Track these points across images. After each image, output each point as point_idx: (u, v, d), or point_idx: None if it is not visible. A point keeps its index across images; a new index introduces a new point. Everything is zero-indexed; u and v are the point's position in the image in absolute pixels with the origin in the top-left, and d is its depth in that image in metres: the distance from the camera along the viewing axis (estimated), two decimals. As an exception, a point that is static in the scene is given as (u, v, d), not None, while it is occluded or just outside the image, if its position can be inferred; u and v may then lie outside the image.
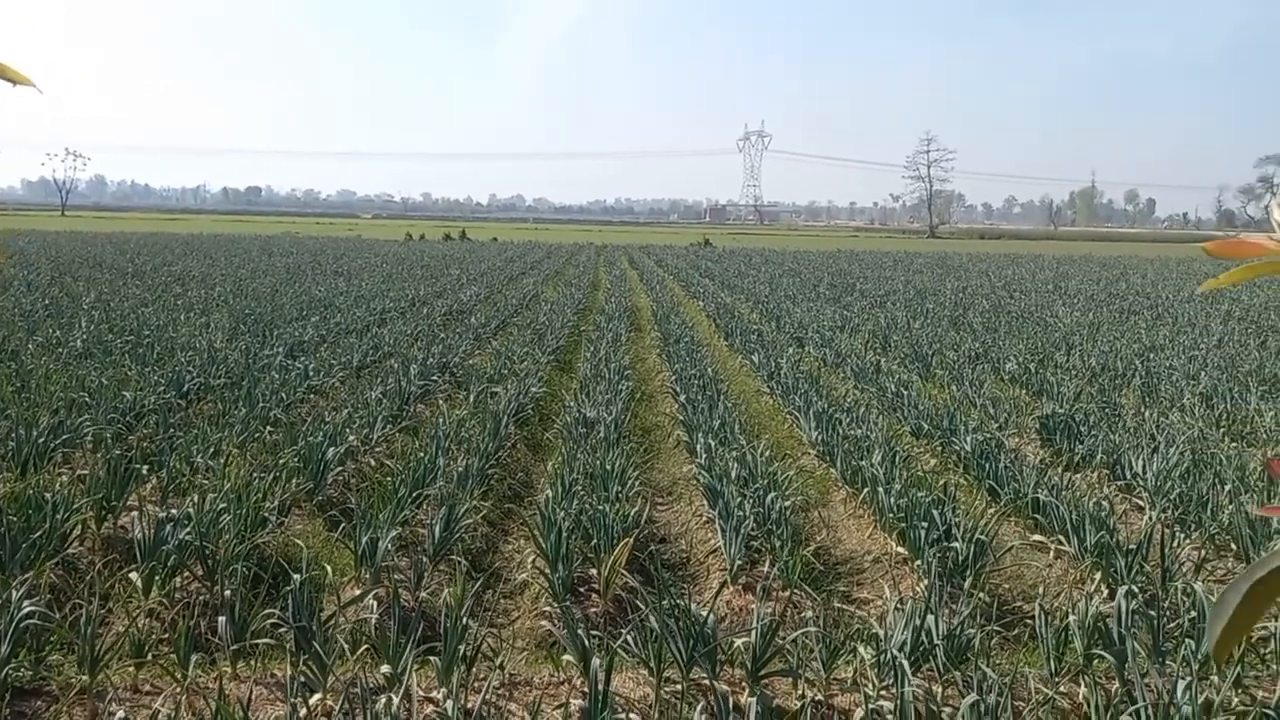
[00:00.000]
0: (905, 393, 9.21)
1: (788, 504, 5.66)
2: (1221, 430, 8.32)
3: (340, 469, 6.54)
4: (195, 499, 5.14)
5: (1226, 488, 6.15)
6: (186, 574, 4.66)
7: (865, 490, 6.12)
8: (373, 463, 7.09)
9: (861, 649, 3.90)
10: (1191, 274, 35.70)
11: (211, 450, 6.44)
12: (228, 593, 4.18)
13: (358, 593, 4.55)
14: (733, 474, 6.09)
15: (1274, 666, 3.92)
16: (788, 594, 4.78)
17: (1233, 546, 5.43)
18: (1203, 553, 5.22)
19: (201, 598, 4.46)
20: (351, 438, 6.97)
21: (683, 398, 8.87)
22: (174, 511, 5.06)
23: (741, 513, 5.35)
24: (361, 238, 56.54)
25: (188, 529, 4.72)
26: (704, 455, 6.69)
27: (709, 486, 6.04)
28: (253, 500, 5.26)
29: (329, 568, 4.62)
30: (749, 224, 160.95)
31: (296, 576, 4.14)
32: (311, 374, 9.47)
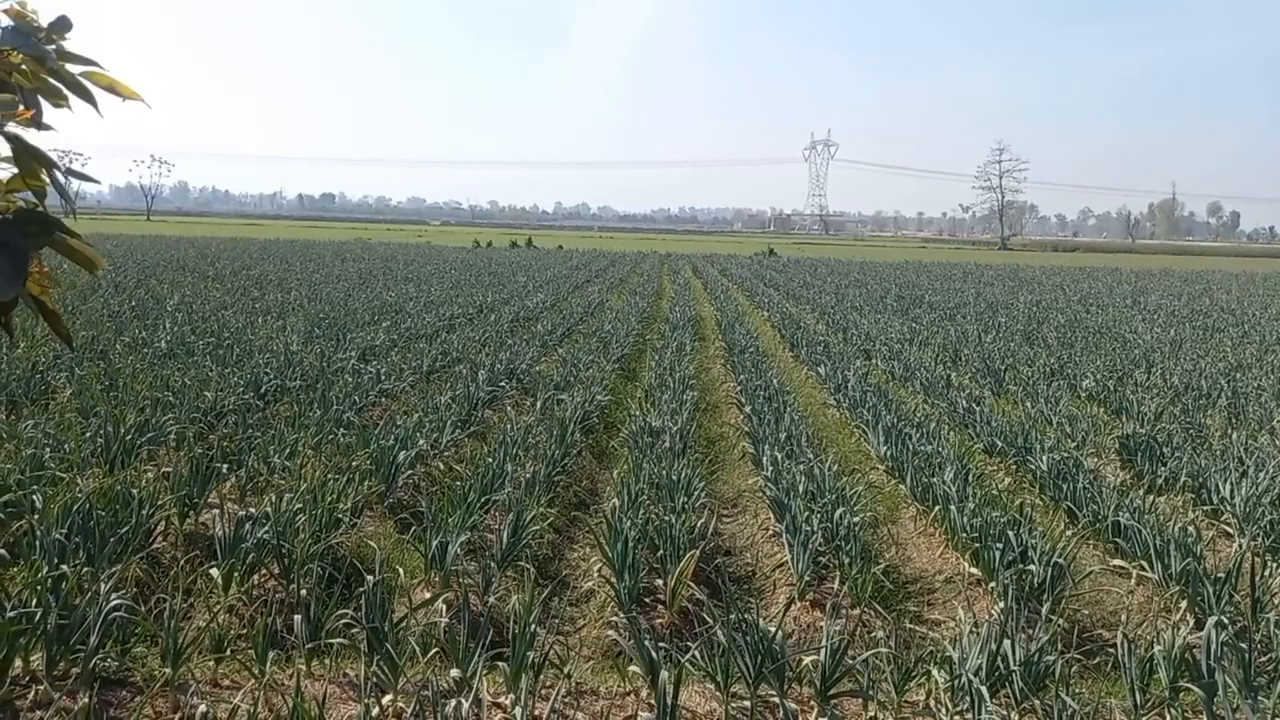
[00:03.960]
0: (977, 409, 9.00)
1: (856, 520, 5.57)
2: (1315, 455, 7.94)
3: (410, 472, 6.65)
4: (273, 498, 5.27)
5: (1323, 516, 5.86)
6: (264, 572, 4.78)
7: (936, 508, 5.99)
8: (442, 467, 7.19)
9: (935, 672, 3.82)
10: (1279, 290, 34.25)
11: (288, 451, 6.60)
12: (303, 592, 4.27)
13: (428, 595, 4.61)
14: (800, 488, 6.02)
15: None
16: (857, 612, 4.70)
17: (1329, 578, 5.17)
18: (1297, 584, 4.97)
19: (278, 596, 4.57)
20: (421, 442, 7.07)
21: (748, 409, 8.81)
22: (253, 510, 5.20)
23: (809, 528, 5.28)
24: (430, 244, 57.58)
25: (265, 528, 4.84)
26: (770, 468, 6.62)
27: (775, 500, 5.98)
28: (327, 501, 5.38)
29: (401, 570, 4.69)
30: (814, 234, 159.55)
31: (370, 578, 4.22)
32: (383, 378, 9.66)
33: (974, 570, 5.27)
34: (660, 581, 4.98)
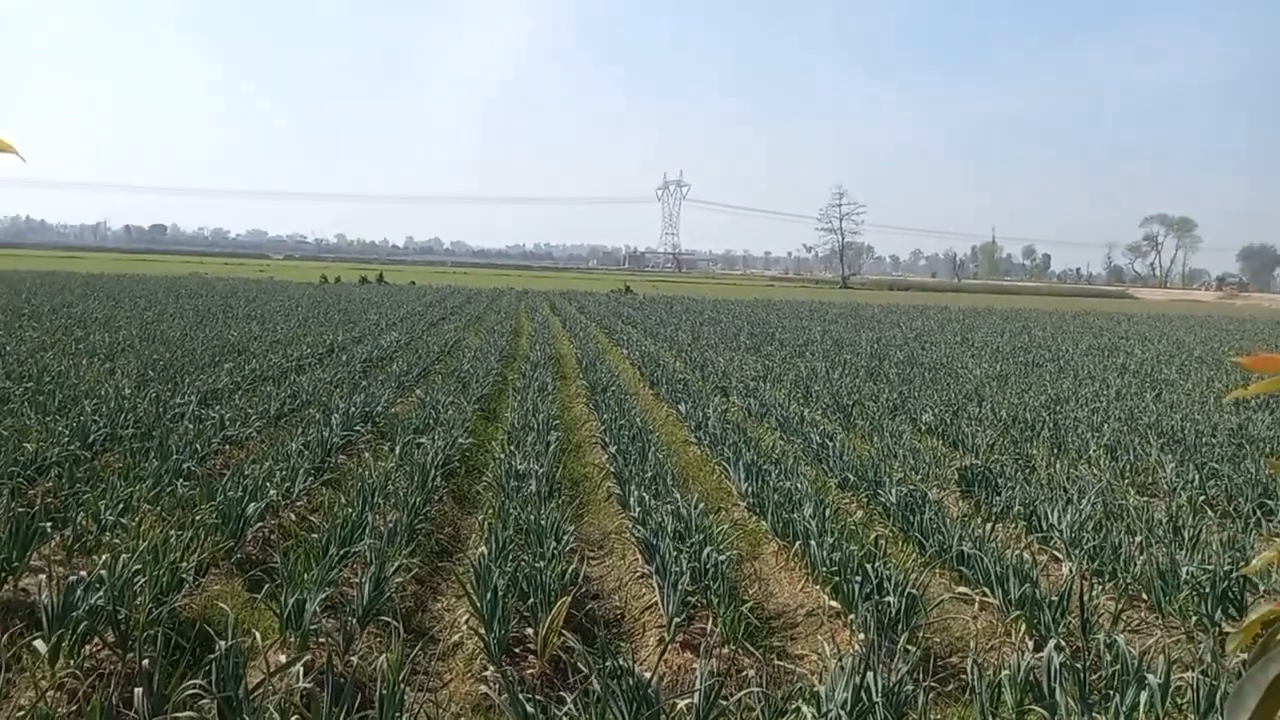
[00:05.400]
0: (830, 444, 9.38)
1: (723, 558, 5.68)
2: (1126, 481, 8.71)
3: (260, 525, 6.30)
4: (108, 559, 4.87)
5: (1137, 539, 6.42)
6: (98, 641, 4.40)
7: (797, 544, 6.19)
8: (294, 518, 6.85)
9: (804, 708, 3.92)
10: (1087, 328, 37.51)
11: (121, 506, 6.13)
12: (145, 661, 3.95)
13: (284, 659, 4.37)
14: (668, 528, 6.08)
15: (1191, 717, 4.09)
16: (727, 651, 4.78)
17: (1145, 597, 5.66)
18: (1119, 604, 5.43)
19: (116, 667, 4.21)
20: (272, 492, 6.72)
21: (613, 449, 8.85)
22: (84, 573, 4.79)
23: (678, 568, 5.34)
24: (274, 279, 55.14)
25: (100, 592, 4.46)
26: (637, 508, 6.67)
27: (644, 541, 6.02)
28: (168, 560, 5.02)
29: (256, 633, 4.42)
30: (668, 271, 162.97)
31: (220, 643, 3.95)
32: (227, 424, 9.14)
33: (834, 603, 5.46)
34: (531, 630, 4.91)
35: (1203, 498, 7.94)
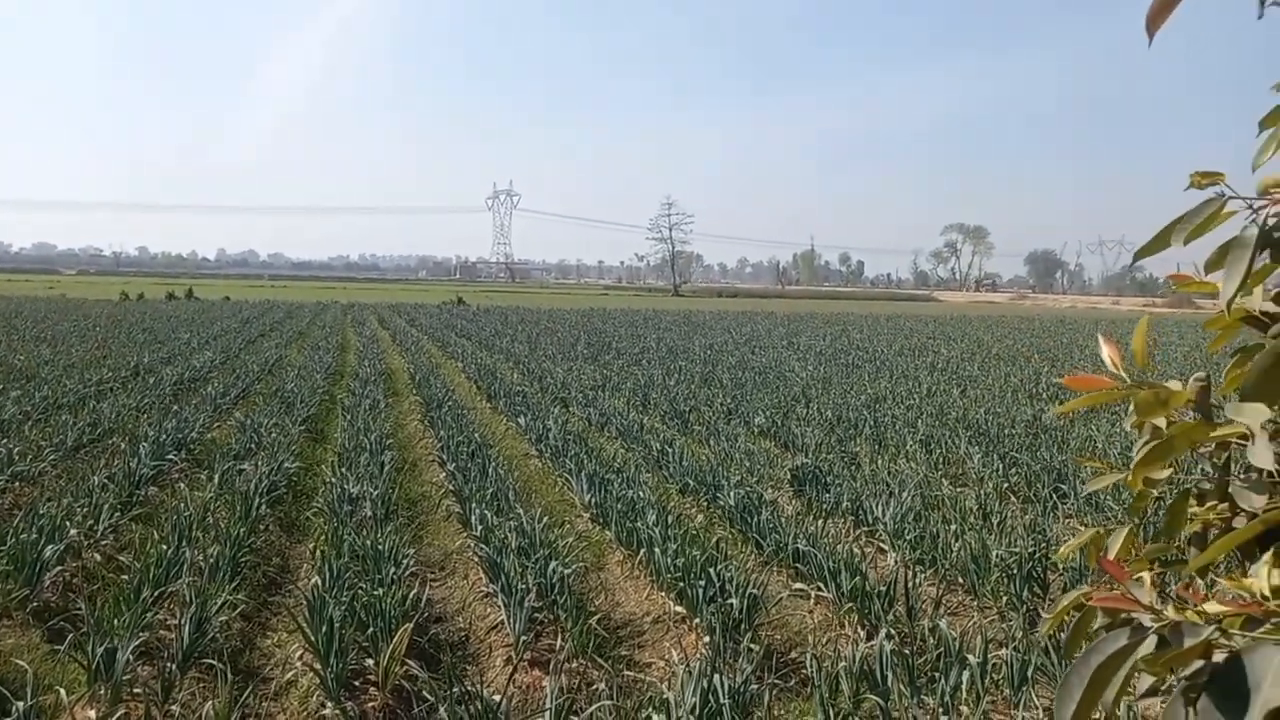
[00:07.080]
0: (669, 450, 9.54)
1: (569, 572, 5.65)
2: (940, 473, 9.34)
3: (61, 568, 5.74)
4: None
5: (952, 527, 6.90)
6: None
7: (642, 551, 6.25)
8: (100, 558, 6.28)
9: (655, 717, 3.95)
10: (899, 329, 40.05)
11: (-112, 558, 5.42)
12: (-76, 735, 3.51)
13: (94, 715, 3.99)
14: (513, 545, 6.00)
15: (1006, 691, 4.42)
16: (577, 665, 4.75)
17: (961, 581, 6.09)
18: (939, 589, 5.80)
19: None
20: (73, 531, 6.14)
21: (451, 466, 8.65)
22: None
23: (524, 585, 5.28)
24: (66, 297, 50.55)
25: None
26: (479, 526, 6.54)
27: (488, 559, 5.90)
28: (-50, 616, 4.48)
29: (63, 691, 4.01)
30: (501, 282, 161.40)
31: (19, 704, 3.56)
32: (16, 458, 8.27)
33: (679, 609, 5.54)
34: (371, 661, 4.70)
35: (1006, 485, 8.63)
